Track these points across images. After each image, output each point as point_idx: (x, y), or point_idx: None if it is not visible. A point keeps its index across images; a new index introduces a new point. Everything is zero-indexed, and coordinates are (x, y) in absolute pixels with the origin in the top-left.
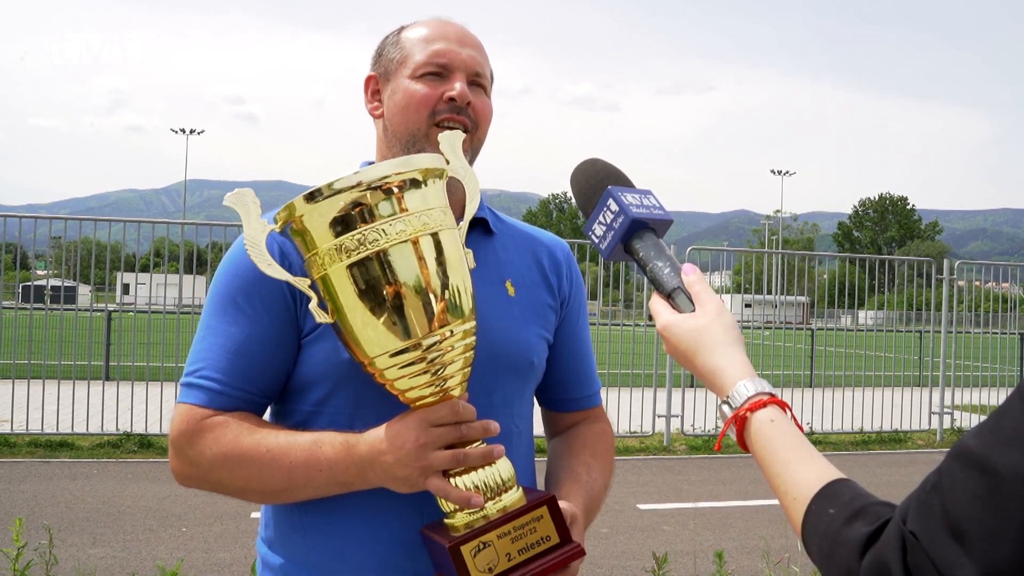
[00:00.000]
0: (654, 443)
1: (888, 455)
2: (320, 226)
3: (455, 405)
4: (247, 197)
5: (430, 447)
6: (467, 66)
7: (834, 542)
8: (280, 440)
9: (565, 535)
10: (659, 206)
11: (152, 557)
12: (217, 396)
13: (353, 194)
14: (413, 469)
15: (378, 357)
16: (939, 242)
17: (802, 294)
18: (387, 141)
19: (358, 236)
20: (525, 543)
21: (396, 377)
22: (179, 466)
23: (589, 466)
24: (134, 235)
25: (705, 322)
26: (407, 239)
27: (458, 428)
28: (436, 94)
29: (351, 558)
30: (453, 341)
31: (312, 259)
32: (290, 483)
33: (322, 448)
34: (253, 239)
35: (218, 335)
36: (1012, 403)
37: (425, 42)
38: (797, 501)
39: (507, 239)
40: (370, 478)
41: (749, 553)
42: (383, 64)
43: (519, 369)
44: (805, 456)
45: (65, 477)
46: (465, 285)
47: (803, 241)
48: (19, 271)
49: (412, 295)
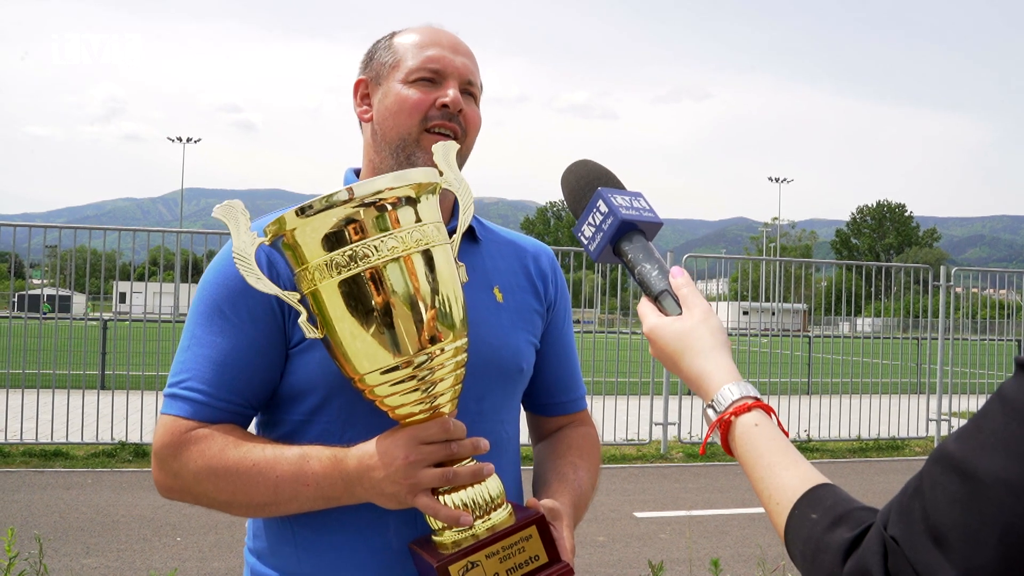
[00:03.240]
0: (651, 451)
1: (886, 462)
2: (311, 241)
3: (446, 423)
4: (236, 209)
5: (419, 465)
6: (460, 74)
7: (816, 547)
8: (267, 453)
9: (554, 554)
10: (649, 208)
11: (146, 567)
12: (202, 408)
13: (346, 209)
14: (402, 486)
15: (368, 374)
16: (937, 249)
17: (800, 301)
18: (375, 145)
19: (350, 252)
20: (513, 563)
21: (387, 394)
22: (162, 478)
23: (576, 465)
24: (130, 244)
25: (691, 325)
26: (400, 255)
27: (448, 446)
28: (429, 100)
29: (343, 569)
30: (444, 358)
31: (302, 273)
32: (276, 497)
33: (309, 462)
34: (242, 252)
35: (203, 345)
36: (992, 407)
37: (418, 48)
38: (780, 506)
39: (493, 246)
40: (358, 493)
41: (745, 561)
42: (374, 68)
43: (508, 375)
44: (789, 461)
45: (59, 487)
46: (457, 301)
47: (801, 248)
48: (14, 280)
49: (404, 312)
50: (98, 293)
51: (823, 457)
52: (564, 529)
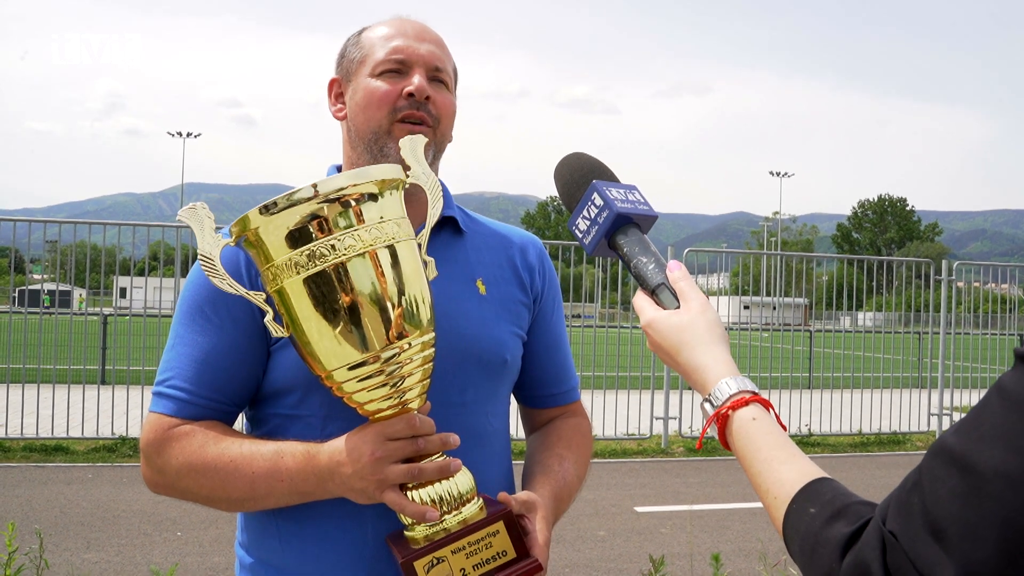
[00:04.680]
0: (652, 445)
1: (887, 456)
2: (275, 239)
3: (412, 419)
4: (200, 212)
5: (386, 461)
6: (425, 61)
7: (815, 542)
8: (244, 450)
9: (522, 550)
10: (644, 201)
11: (146, 561)
12: (185, 405)
13: (309, 206)
14: (369, 482)
15: (335, 371)
16: (938, 243)
17: (801, 296)
18: (351, 142)
19: (312, 249)
20: (480, 558)
21: (354, 390)
22: (149, 474)
23: (562, 457)
24: (130, 239)
25: (689, 319)
26: (363, 251)
27: (414, 442)
28: (396, 90)
29: (326, 561)
30: (411, 353)
31: (267, 272)
32: (253, 492)
33: (283, 459)
34: (207, 253)
35: (186, 344)
36: (991, 399)
37: (384, 40)
38: (778, 500)
39: (478, 238)
40: (330, 488)
41: (747, 555)
42: (344, 66)
43: (492, 367)
44: (786, 455)
45: (60, 482)
46: (423, 296)
47: (802, 243)
48: (14, 275)
49: (368, 308)
50: (98, 288)
51: (824, 451)
52: (539, 521)
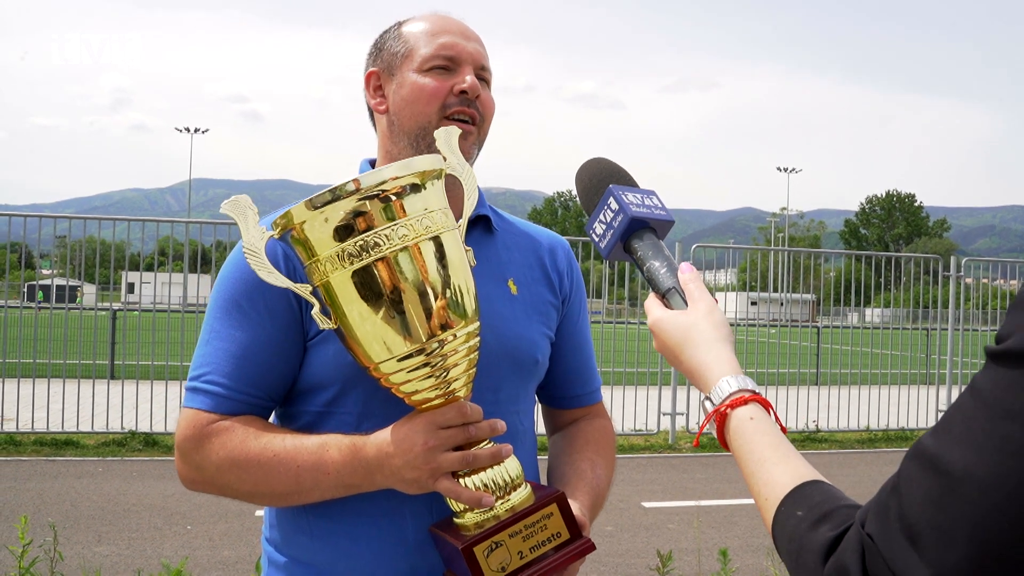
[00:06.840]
0: (659, 441)
1: (895, 453)
2: (320, 233)
3: (462, 407)
4: (244, 204)
5: (439, 449)
6: (474, 59)
7: (800, 546)
8: (287, 444)
9: (575, 531)
10: (661, 206)
11: (157, 555)
12: (223, 401)
13: (352, 201)
14: (423, 472)
15: (383, 362)
16: (947, 239)
17: (808, 292)
18: (392, 136)
19: (359, 242)
20: (536, 540)
21: (402, 381)
22: (185, 471)
23: (593, 462)
24: (139, 234)
25: (694, 319)
26: (409, 244)
27: (466, 429)
28: (446, 87)
29: (360, 557)
30: (457, 344)
31: (313, 266)
32: (298, 486)
33: (329, 451)
34: (252, 246)
35: (223, 339)
36: (964, 400)
37: (430, 36)
38: (768, 502)
39: (508, 237)
40: (377, 480)
41: (754, 551)
42: (385, 59)
43: (524, 367)
44: (779, 456)
45: (70, 475)
46: (468, 286)
47: (809, 239)
48: (24, 270)
49: (415, 299)
50: (107, 283)
51: (831, 448)
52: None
